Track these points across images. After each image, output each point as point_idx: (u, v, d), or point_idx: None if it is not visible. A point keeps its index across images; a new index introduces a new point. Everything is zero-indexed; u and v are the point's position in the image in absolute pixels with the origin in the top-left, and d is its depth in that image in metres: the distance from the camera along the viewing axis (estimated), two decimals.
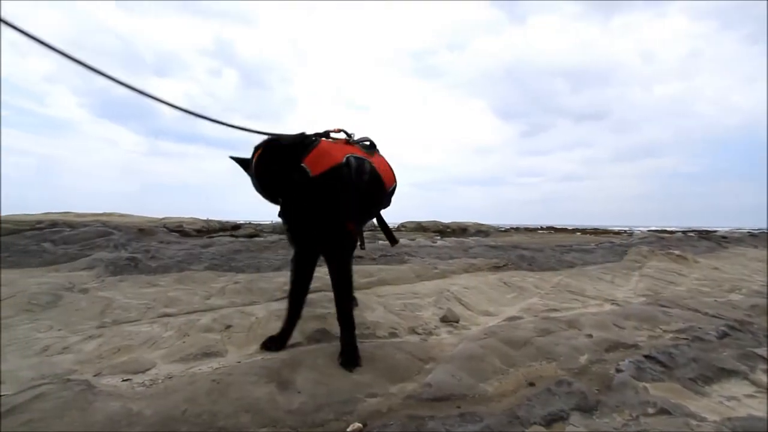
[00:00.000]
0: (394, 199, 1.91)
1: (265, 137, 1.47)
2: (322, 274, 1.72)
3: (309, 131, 1.53)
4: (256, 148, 1.45)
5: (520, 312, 2.21)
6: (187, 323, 1.79)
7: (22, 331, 1.66)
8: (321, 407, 1.14)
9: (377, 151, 1.80)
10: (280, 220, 1.50)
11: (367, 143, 1.76)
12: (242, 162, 1.54)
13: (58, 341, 1.59)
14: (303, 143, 1.42)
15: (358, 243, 1.57)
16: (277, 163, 1.40)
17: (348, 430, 1.06)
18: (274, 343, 1.54)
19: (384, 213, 1.85)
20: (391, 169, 1.79)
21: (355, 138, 1.69)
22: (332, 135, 1.61)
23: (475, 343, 1.61)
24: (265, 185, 1.45)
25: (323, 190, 1.39)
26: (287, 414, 1.12)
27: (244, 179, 1.56)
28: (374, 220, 1.82)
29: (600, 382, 1.33)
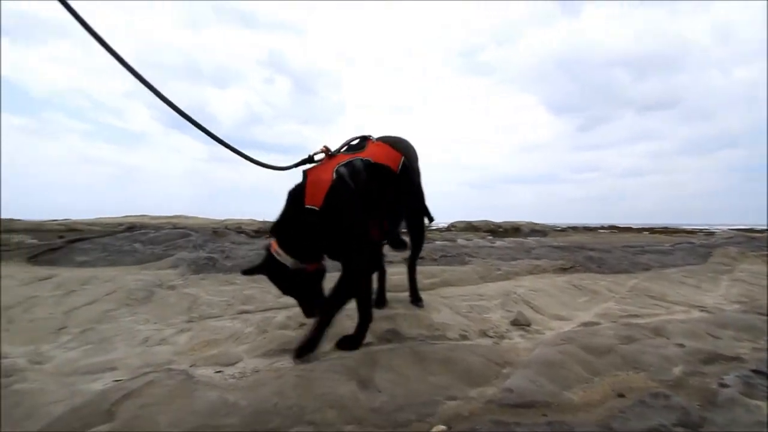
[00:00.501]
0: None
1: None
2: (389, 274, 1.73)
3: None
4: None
5: (595, 317, 2.09)
6: (264, 320, 1.89)
7: (125, 323, 1.85)
8: (402, 407, 1.16)
9: (369, 140, 1.73)
10: None
11: (354, 142, 1.71)
12: None
13: (155, 333, 1.75)
14: (298, 189, 1.49)
15: (404, 245, 1.83)
16: (301, 224, 1.47)
17: (431, 431, 1.07)
18: (349, 343, 1.58)
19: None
20: (393, 148, 1.71)
21: (342, 145, 1.68)
22: (316, 158, 1.61)
23: (553, 348, 1.55)
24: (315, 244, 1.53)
25: (334, 215, 1.44)
26: (371, 412, 1.14)
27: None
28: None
29: (701, 397, 1.22)
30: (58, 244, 2.96)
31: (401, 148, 1.75)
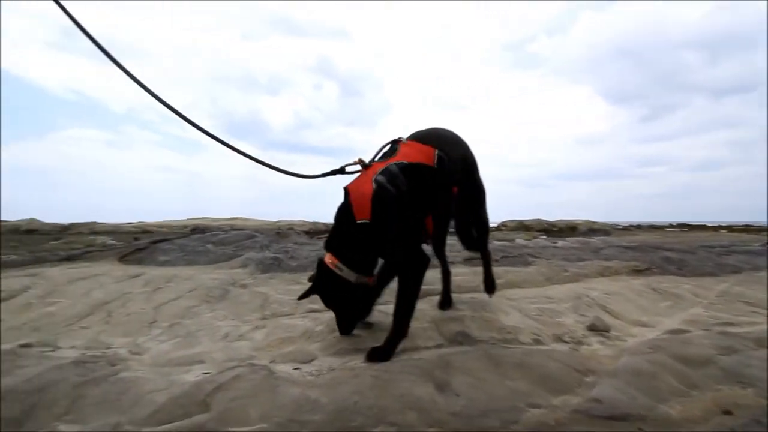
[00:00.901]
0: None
1: None
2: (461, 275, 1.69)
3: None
4: None
5: (683, 324, 1.91)
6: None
7: (206, 319, 1.98)
8: (484, 413, 1.13)
9: (400, 142, 1.69)
10: None
11: (386, 149, 1.70)
12: None
13: (233, 329, 1.86)
14: (345, 206, 1.52)
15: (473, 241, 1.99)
16: (356, 239, 1.49)
17: None
18: (379, 354, 1.47)
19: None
20: (424, 143, 1.68)
21: (375, 154, 1.67)
22: (348, 169, 1.64)
23: (641, 358, 1.44)
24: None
25: (382, 224, 1.44)
26: (451, 416, 1.13)
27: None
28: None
29: None
30: (144, 244, 3.25)
31: (433, 140, 1.71)
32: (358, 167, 1.62)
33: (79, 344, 1.70)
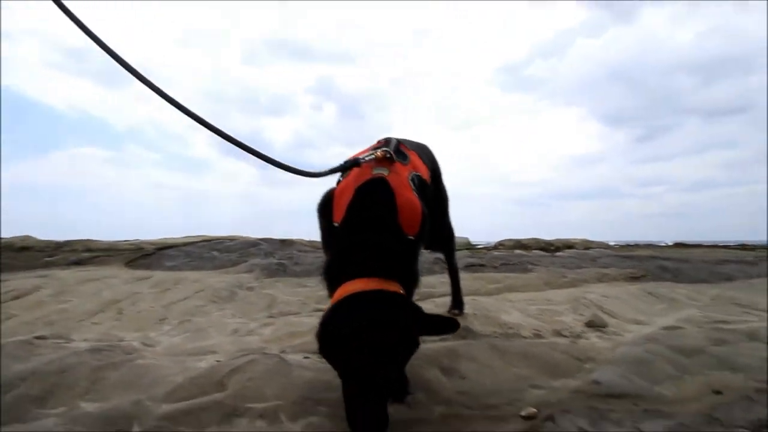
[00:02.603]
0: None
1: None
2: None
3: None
4: None
5: (678, 322, 1.98)
6: None
7: (215, 317, 2.03)
8: (491, 393, 1.19)
9: (403, 146, 1.45)
10: None
11: (387, 147, 1.33)
12: None
13: (242, 326, 1.91)
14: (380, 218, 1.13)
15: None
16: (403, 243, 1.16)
17: (522, 413, 1.08)
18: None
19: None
20: (421, 159, 1.53)
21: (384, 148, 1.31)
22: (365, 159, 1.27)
23: (638, 347, 1.51)
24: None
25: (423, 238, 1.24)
26: (458, 395, 1.18)
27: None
28: None
29: None
30: (151, 250, 3.30)
31: (426, 157, 1.62)
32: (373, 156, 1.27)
33: (91, 337, 1.74)
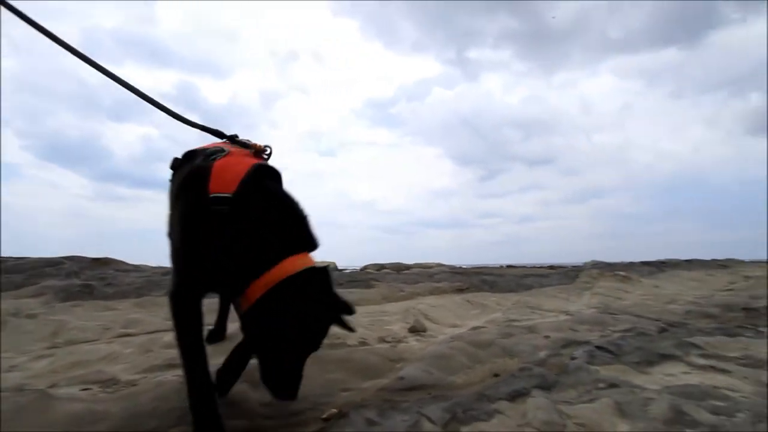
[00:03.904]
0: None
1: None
2: None
3: None
4: None
5: (483, 323, 2.30)
6: (150, 341, 1.73)
7: None
8: (297, 400, 1.15)
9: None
10: None
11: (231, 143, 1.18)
12: None
13: (3, 362, 1.48)
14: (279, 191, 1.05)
15: None
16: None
17: (323, 416, 1.08)
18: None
19: None
20: None
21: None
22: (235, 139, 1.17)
23: (444, 345, 1.68)
24: None
25: None
26: (262, 407, 1.12)
27: None
28: None
29: (558, 368, 1.43)
30: None
31: None
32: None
33: None
